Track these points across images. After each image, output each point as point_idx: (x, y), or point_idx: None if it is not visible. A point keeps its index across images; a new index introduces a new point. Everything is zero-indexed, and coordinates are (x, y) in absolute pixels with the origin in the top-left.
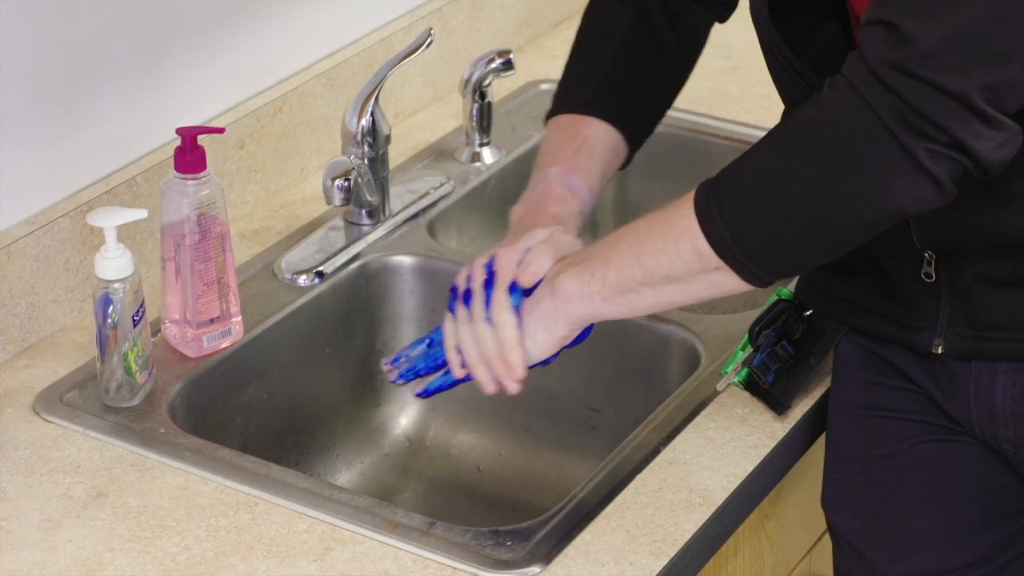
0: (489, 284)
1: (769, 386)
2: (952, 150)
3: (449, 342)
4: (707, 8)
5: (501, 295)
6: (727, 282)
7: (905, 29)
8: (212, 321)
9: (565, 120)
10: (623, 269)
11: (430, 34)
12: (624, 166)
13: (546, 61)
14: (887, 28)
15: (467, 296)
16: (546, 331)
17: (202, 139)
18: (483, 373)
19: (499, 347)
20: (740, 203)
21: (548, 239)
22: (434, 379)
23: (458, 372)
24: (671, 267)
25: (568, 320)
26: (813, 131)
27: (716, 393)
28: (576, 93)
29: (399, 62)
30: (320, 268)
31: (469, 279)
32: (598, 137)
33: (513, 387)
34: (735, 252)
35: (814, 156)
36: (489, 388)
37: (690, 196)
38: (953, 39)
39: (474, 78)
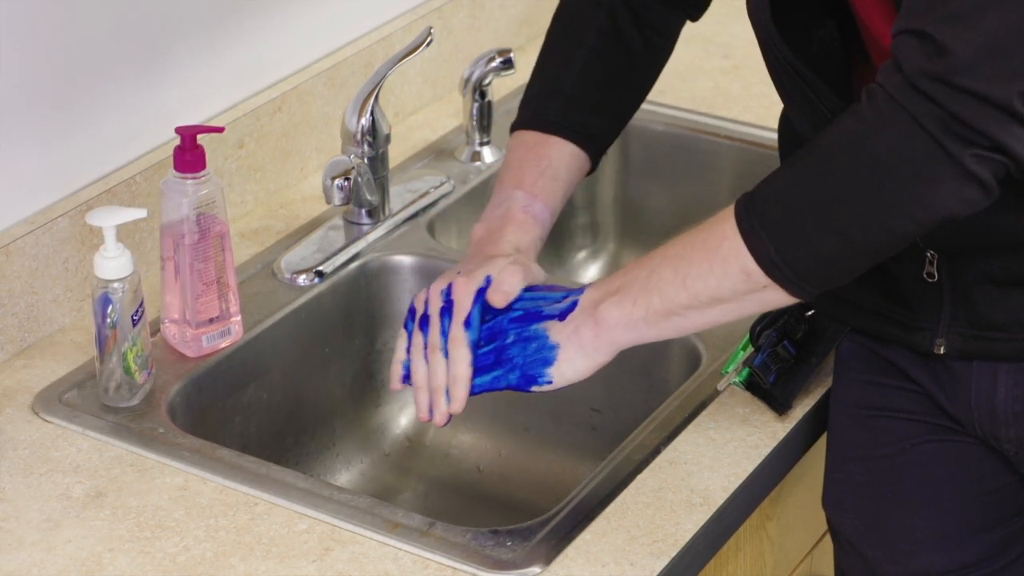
0: (446, 312)
1: (770, 386)
2: (995, 152)
3: (399, 355)
4: (678, 11)
5: (459, 330)
6: (775, 298)
7: (940, 40)
8: (211, 321)
9: (530, 138)
10: (667, 294)
11: (430, 33)
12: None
13: None
14: (921, 39)
15: (424, 321)
16: (587, 358)
17: (201, 138)
18: (423, 399)
19: (450, 380)
20: (786, 221)
21: (516, 260)
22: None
23: (396, 385)
24: (719, 289)
25: (611, 348)
26: (856, 144)
27: (717, 393)
28: (543, 108)
29: (399, 61)
30: (320, 268)
31: (427, 303)
32: (562, 158)
33: (442, 419)
34: (785, 271)
35: (859, 169)
36: (423, 415)
37: (729, 215)
38: (990, 49)
39: (474, 77)
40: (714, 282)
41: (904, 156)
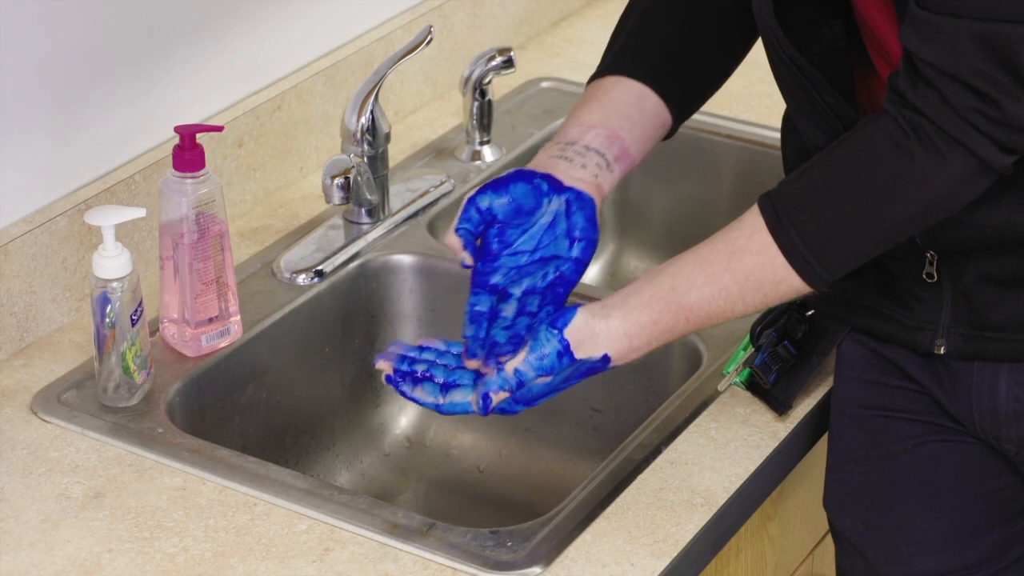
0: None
1: (771, 386)
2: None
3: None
4: None
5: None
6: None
7: (989, 93)
8: (210, 320)
9: (624, 91)
10: (708, 322)
11: (430, 32)
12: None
13: (547, 59)
14: (968, 87)
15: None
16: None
17: (201, 137)
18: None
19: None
20: (843, 253)
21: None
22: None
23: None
24: (762, 306)
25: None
26: (911, 181)
27: (718, 393)
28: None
29: (399, 60)
30: (319, 267)
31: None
32: (612, 89)
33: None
34: (832, 281)
35: (913, 204)
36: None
37: (773, 254)
38: None
39: (474, 76)
40: (767, 306)
41: (963, 186)
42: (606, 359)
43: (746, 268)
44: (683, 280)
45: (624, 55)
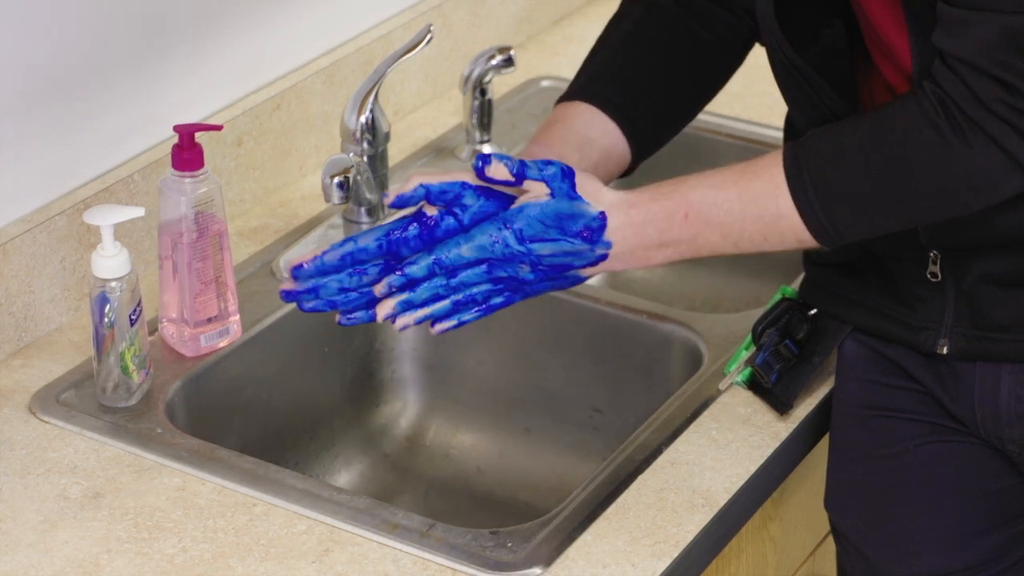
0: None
1: (772, 386)
2: None
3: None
4: (736, 17)
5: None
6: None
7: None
8: (210, 320)
9: (585, 121)
10: (715, 250)
11: (430, 30)
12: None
13: (547, 58)
14: (995, 81)
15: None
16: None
17: (200, 136)
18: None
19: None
20: (852, 211)
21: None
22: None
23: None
24: (765, 248)
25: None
26: (941, 162)
27: (719, 393)
28: (572, 82)
29: (399, 59)
30: None
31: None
32: (577, 116)
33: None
34: (835, 240)
35: (936, 180)
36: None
37: (777, 185)
38: None
39: (474, 75)
40: (766, 246)
41: (987, 177)
42: (602, 218)
43: (754, 190)
44: (695, 179)
45: (595, 81)
